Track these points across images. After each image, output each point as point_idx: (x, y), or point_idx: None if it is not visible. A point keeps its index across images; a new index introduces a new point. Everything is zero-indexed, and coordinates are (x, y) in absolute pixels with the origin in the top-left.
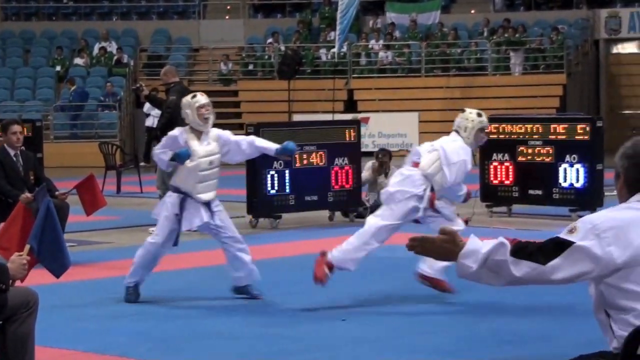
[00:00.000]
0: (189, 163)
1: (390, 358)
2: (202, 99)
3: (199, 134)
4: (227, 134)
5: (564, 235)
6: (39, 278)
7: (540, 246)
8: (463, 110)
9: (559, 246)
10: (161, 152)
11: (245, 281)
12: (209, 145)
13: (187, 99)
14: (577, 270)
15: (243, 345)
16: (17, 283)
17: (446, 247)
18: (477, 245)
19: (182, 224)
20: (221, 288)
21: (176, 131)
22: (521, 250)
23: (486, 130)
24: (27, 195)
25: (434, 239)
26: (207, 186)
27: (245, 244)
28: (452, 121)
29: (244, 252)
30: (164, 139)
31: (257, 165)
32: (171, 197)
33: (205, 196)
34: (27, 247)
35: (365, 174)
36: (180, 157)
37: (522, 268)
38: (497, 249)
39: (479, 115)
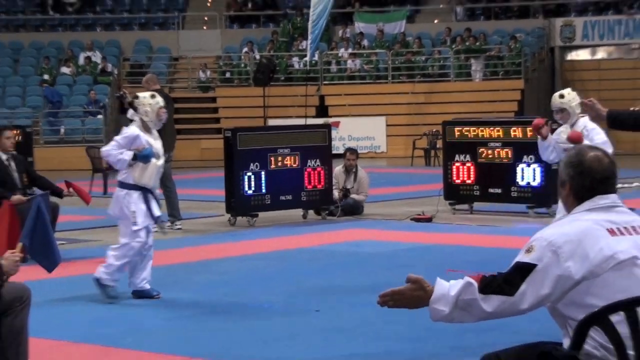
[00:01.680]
0: (156, 161)
1: (360, 345)
2: (161, 100)
3: (149, 131)
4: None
5: (522, 257)
6: (32, 274)
7: (505, 277)
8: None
9: (521, 272)
10: (119, 153)
11: (147, 283)
12: (158, 142)
13: (147, 97)
14: (542, 293)
15: (218, 336)
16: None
17: (416, 295)
18: (445, 289)
19: (148, 218)
20: (199, 284)
21: (135, 130)
22: (488, 286)
23: (555, 117)
24: (19, 196)
25: (403, 290)
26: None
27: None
28: (418, 124)
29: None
30: (119, 139)
31: (234, 167)
32: (131, 195)
33: (158, 191)
34: (20, 244)
35: (335, 193)
36: (148, 157)
37: (492, 303)
38: (466, 288)
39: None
